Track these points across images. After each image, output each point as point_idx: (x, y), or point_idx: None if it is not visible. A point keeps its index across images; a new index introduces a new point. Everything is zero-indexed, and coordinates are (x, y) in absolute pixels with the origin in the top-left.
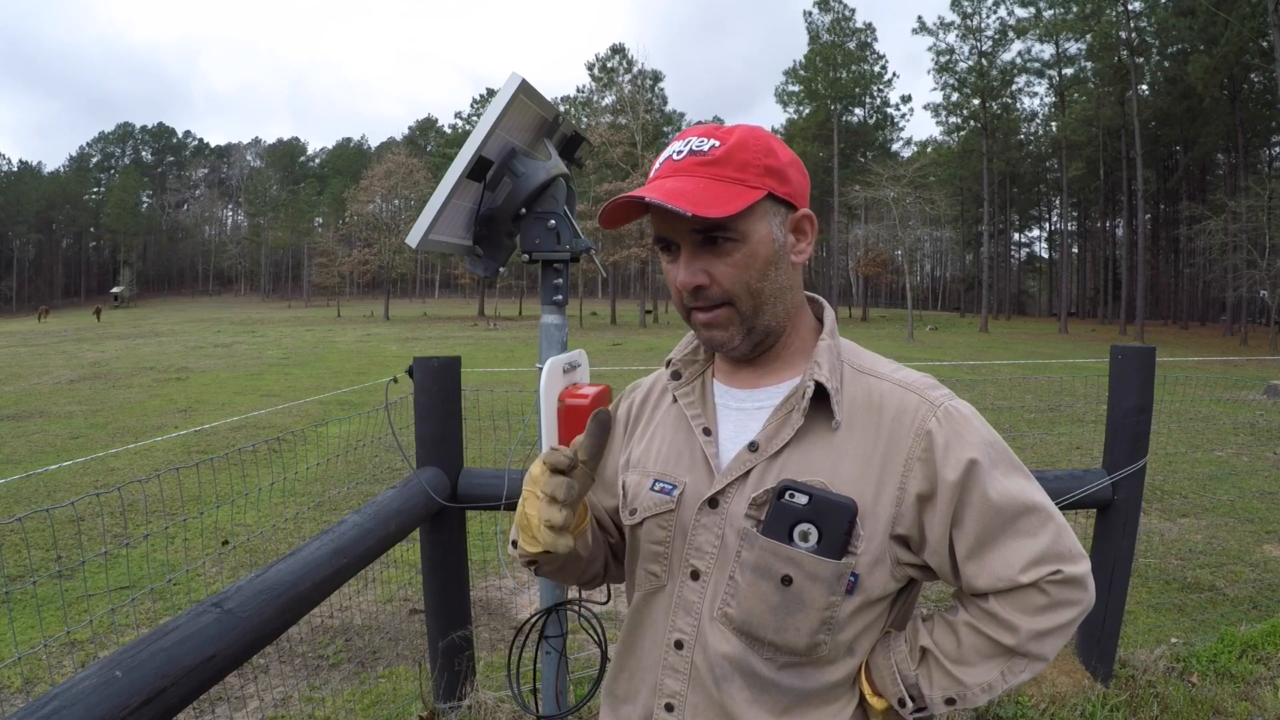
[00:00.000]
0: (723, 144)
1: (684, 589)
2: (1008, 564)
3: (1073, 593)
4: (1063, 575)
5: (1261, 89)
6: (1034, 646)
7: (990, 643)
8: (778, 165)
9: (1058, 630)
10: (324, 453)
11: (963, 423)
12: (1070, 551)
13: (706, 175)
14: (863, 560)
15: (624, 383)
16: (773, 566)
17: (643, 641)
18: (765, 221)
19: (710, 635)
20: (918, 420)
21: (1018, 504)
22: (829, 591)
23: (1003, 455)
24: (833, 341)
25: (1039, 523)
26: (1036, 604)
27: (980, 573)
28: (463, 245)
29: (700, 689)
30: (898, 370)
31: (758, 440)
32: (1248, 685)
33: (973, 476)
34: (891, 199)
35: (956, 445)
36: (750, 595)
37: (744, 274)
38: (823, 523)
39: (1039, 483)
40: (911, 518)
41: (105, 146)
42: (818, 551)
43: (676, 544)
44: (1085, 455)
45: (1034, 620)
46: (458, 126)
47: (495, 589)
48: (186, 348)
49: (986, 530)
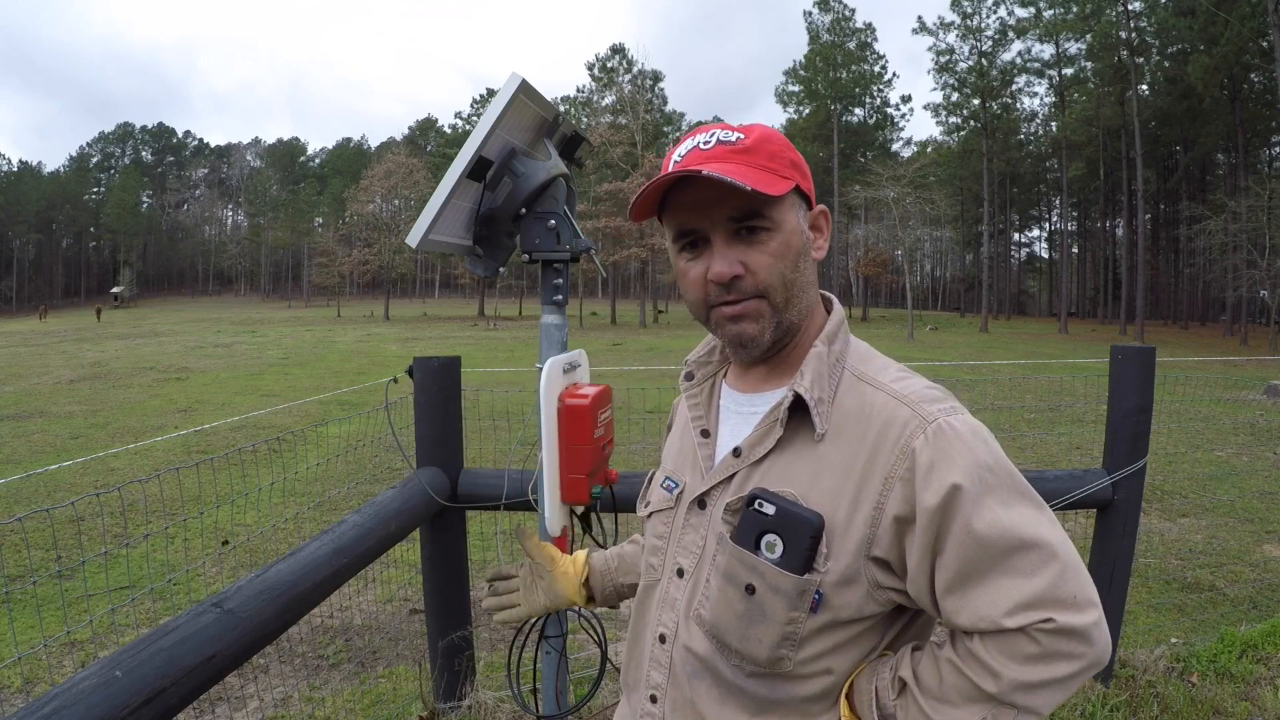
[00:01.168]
0: (749, 136)
1: (671, 585)
2: (992, 604)
3: (1070, 645)
4: (1055, 625)
5: (1261, 89)
6: (1020, 698)
7: (972, 686)
8: (799, 160)
9: (1051, 685)
10: (324, 453)
11: (955, 442)
12: (1074, 598)
13: (741, 162)
14: (828, 579)
15: (624, 383)
16: (739, 574)
17: (643, 633)
18: (794, 213)
19: (685, 633)
20: (904, 436)
21: (1010, 538)
22: (789, 606)
23: (1002, 481)
24: (826, 348)
25: (1038, 562)
26: (1025, 652)
27: (961, 609)
28: (463, 245)
29: (676, 684)
30: (901, 380)
31: (742, 446)
32: (1248, 685)
33: (954, 503)
34: (891, 199)
35: (941, 467)
36: (719, 600)
37: (779, 264)
38: (787, 535)
39: (1050, 511)
40: (889, 540)
41: (105, 146)
42: (780, 564)
43: (671, 540)
44: (1085, 455)
45: (1021, 670)
46: (458, 126)
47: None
48: (186, 348)
49: (969, 565)
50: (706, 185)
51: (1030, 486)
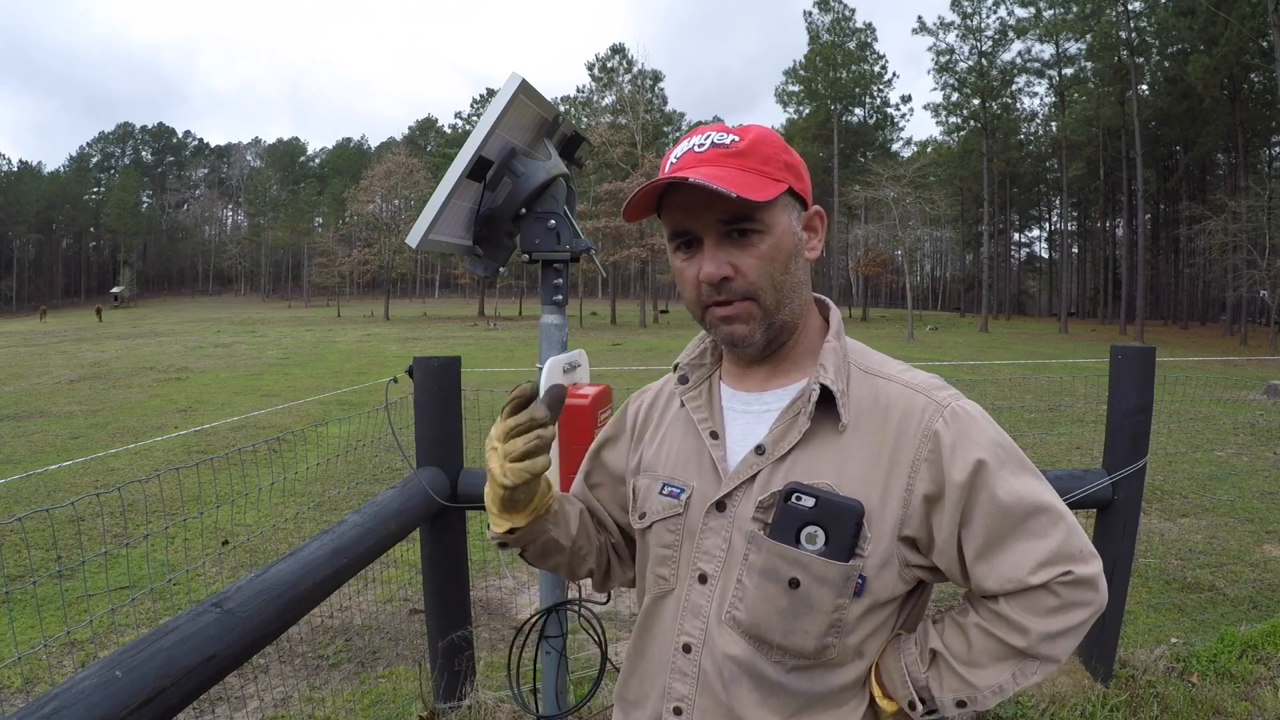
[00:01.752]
0: (743, 138)
1: (692, 592)
2: (1017, 565)
3: (1084, 594)
4: (1073, 576)
5: (1261, 89)
6: (1045, 648)
7: (1001, 645)
8: (794, 162)
9: (1069, 632)
10: (324, 453)
11: (970, 423)
12: (1081, 552)
13: (734, 165)
14: (870, 562)
15: (624, 383)
16: (780, 569)
17: (652, 645)
18: (786, 215)
19: (718, 638)
20: (925, 421)
21: (1027, 504)
22: (836, 594)
23: (1011, 455)
24: (838, 343)
25: (1049, 523)
26: (1047, 605)
27: (989, 574)
28: (463, 245)
29: (708, 693)
30: (905, 371)
31: (764, 443)
32: (1248, 685)
33: (980, 477)
34: (891, 199)
35: (964, 446)
36: (758, 598)
37: (769, 266)
38: (829, 525)
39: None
40: (919, 519)
41: (105, 146)
42: (825, 554)
43: (685, 547)
44: (1085, 455)
45: (1045, 622)
46: (458, 126)
47: (495, 589)
48: (186, 348)
49: (995, 531)
50: (695, 189)
51: (1028, 458)
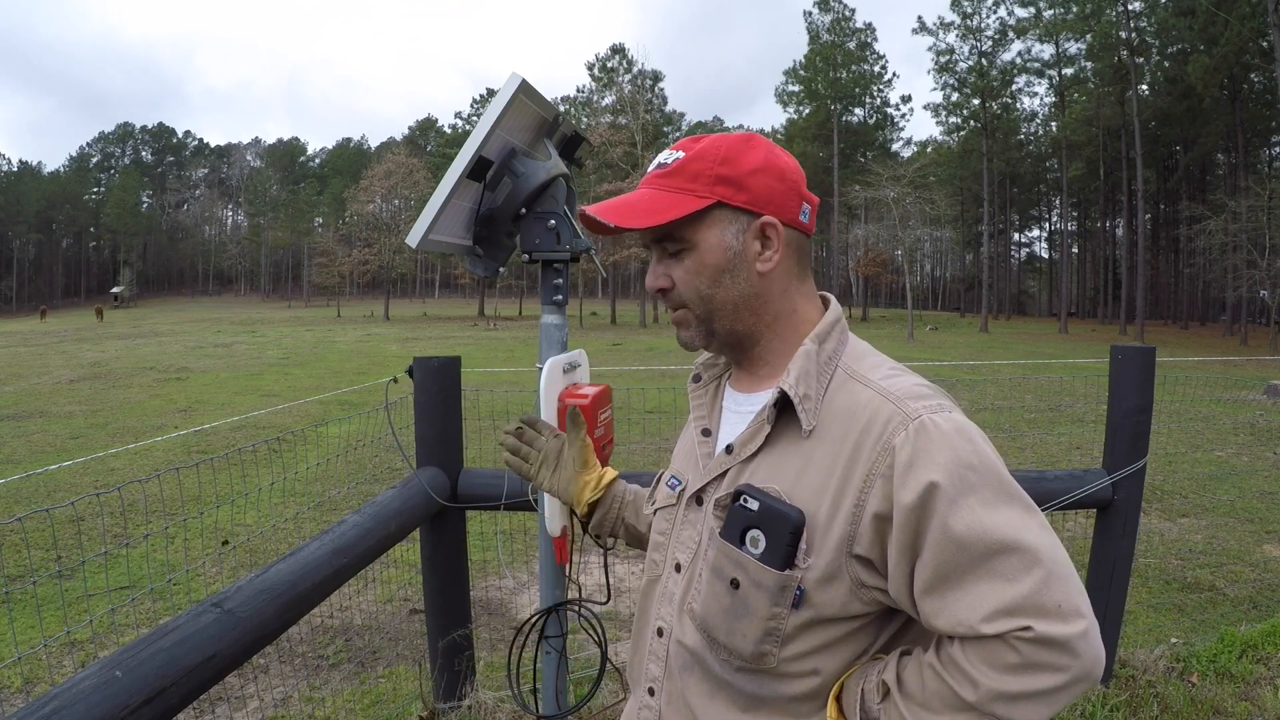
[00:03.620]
0: (685, 155)
1: (669, 580)
2: (970, 608)
3: (1052, 656)
4: (1035, 634)
5: (1261, 89)
6: (1000, 709)
7: (951, 693)
8: (732, 174)
9: (1033, 697)
10: (324, 453)
11: (937, 439)
12: (1057, 607)
13: (657, 186)
14: (810, 575)
15: (624, 383)
16: (725, 568)
17: (641, 627)
18: (717, 229)
19: (679, 627)
20: (886, 432)
21: (991, 541)
22: (772, 601)
23: (986, 481)
24: (816, 346)
25: (1020, 566)
26: (1005, 661)
27: (939, 612)
28: (463, 245)
29: (671, 677)
30: (891, 377)
31: (734, 443)
32: (1248, 685)
33: (931, 502)
34: (891, 199)
35: (920, 464)
36: (708, 594)
37: (695, 279)
38: (769, 531)
39: (1040, 514)
40: (871, 538)
41: (105, 146)
42: (763, 559)
43: (672, 536)
44: (1085, 455)
45: (1000, 680)
46: (458, 126)
47: (495, 589)
48: (186, 348)
49: (946, 566)
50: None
51: (1021, 489)
